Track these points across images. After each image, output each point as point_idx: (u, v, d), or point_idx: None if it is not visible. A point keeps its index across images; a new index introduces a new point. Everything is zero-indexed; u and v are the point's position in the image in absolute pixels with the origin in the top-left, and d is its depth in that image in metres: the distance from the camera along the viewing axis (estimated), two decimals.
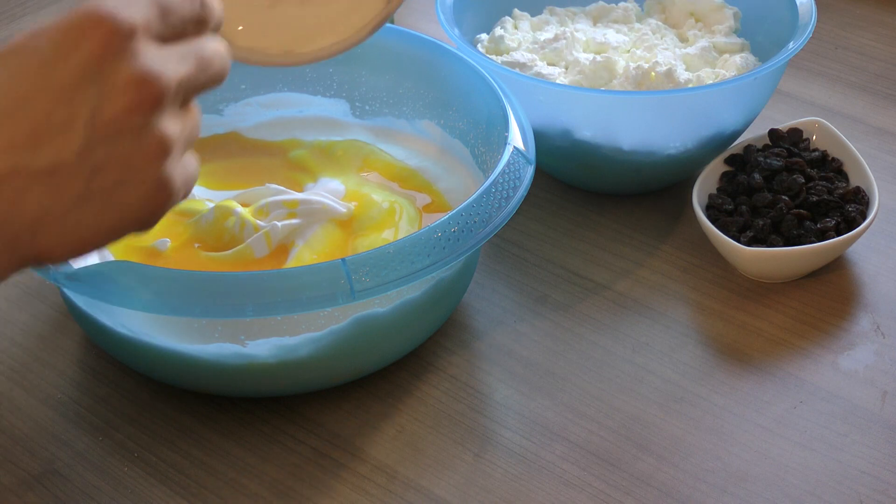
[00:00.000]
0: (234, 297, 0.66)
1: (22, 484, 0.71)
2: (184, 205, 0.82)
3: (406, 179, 0.85)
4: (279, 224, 0.79)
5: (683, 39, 0.95)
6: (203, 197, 0.83)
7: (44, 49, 0.47)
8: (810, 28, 0.87)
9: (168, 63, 0.48)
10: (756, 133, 0.90)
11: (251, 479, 0.71)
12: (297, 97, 0.91)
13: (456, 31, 0.88)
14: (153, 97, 0.48)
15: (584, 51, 0.92)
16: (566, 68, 0.91)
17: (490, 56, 0.91)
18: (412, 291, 0.72)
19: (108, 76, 0.47)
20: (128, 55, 0.47)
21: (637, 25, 0.96)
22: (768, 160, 0.85)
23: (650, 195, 0.91)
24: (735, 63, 0.89)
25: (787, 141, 0.88)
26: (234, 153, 0.89)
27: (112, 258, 0.78)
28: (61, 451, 0.73)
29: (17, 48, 0.47)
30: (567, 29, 0.94)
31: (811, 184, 0.85)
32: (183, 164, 0.50)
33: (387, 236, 0.79)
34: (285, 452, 0.72)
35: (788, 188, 0.83)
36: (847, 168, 0.87)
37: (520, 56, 0.91)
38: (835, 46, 1.09)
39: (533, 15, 0.97)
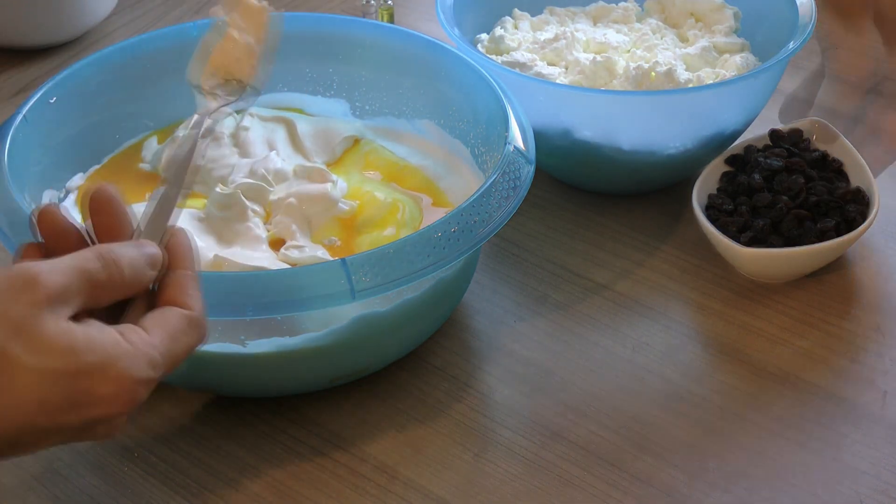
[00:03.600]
0: (234, 297, 0.66)
1: (22, 484, 0.71)
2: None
3: (407, 178, 0.85)
4: (283, 221, 0.79)
5: (683, 39, 0.95)
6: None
7: None
8: (810, 28, 0.87)
9: None
10: (756, 133, 0.89)
11: (251, 479, 0.71)
12: (297, 97, 0.91)
13: (456, 31, 0.88)
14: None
15: (584, 51, 0.92)
16: (566, 68, 0.91)
17: (490, 56, 0.91)
18: (412, 291, 0.72)
19: (96, 427, 0.54)
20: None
21: (637, 25, 0.96)
22: (768, 160, 0.85)
23: (650, 195, 0.91)
24: (735, 63, 0.89)
25: (788, 141, 0.88)
26: None
27: None
28: (61, 451, 0.73)
29: None
30: (567, 29, 0.94)
31: (811, 184, 0.85)
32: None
33: (389, 233, 0.79)
34: (285, 452, 0.72)
35: (788, 188, 0.83)
36: (847, 168, 0.87)
37: (520, 56, 0.91)
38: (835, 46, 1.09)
39: (533, 15, 0.98)
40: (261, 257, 0.76)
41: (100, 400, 0.52)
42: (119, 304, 0.55)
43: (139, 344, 0.53)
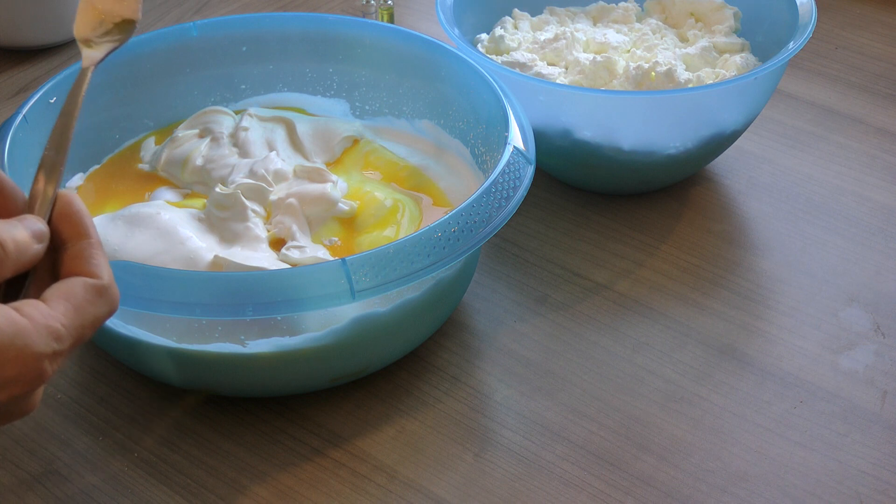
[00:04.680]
0: (234, 297, 0.66)
1: (22, 484, 0.71)
2: (185, 200, 0.82)
3: (407, 178, 0.85)
4: (284, 221, 0.79)
5: (683, 39, 0.95)
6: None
7: None
8: (810, 28, 0.87)
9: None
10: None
11: (251, 479, 0.71)
12: (297, 97, 0.91)
13: (456, 31, 0.88)
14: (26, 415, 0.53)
15: (584, 51, 0.92)
16: (566, 68, 0.91)
17: (490, 56, 0.91)
18: (412, 291, 0.72)
19: (7, 409, 0.51)
20: (32, 395, 0.51)
21: (637, 25, 0.96)
22: None
23: (650, 195, 0.91)
24: (735, 63, 0.89)
25: None
26: None
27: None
28: (61, 451, 0.73)
29: None
30: (567, 29, 0.94)
31: None
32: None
33: (389, 234, 0.79)
34: (285, 452, 0.72)
35: None
36: None
37: (520, 56, 0.91)
38: (835, 46, 1.09)
39: (533, 15, 0.98)
40: (261, 257, 0.76)
41: (4, 382, 0.48)
42: (16, 283, 0.52)
43: (38, 317, 0.49)
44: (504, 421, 0.74)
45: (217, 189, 0.79)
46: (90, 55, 0.63)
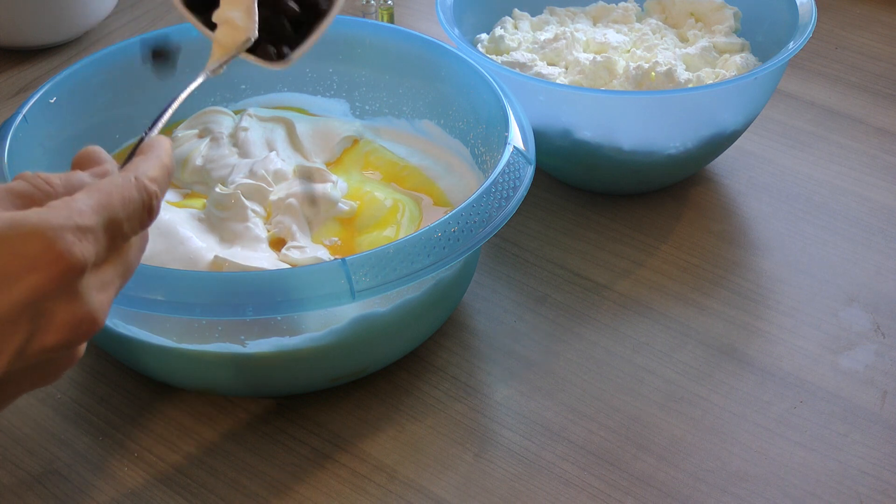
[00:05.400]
0: (234, 297, 0.66)
1: (22, 484, 0.71)
2: (185, 200, 0.82)
3: (407, 178, 0.85)
4: (284, 221, 0.79)
5: (683, 39, 0.95)
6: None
7: None
8: (810, 28, 0.87)
9: (104, 292, 0.48)
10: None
11: (251, 479, 0.71)
12: (297, 97, 0.91)
13: (456, 31, 0.88)
14: (88, 334, 0.47)
15: (584, 51, 0.92)
16: (566, 68, 0.91)
17: (490, 56, 0.91)
18: (412, 291, 0.72)
19: (48, 312, 0.46)
20: (71, 293, 0.46)
21: (637, 25, 0.96)
22: None
23: (650, 195, 0.91)
24: (735, 63, 0.89)
25: None
26: None
27: None
28: (61, 451, 0.73)
29: None
30: (567, 29, 0.94)
31: None
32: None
33: (389, 234, 0.79)
34: (285, 452, 0.72)
35: None
36: None
37: (520, 56, 0.91)
38: (835, 46, 1.09)
39: (533, 15, 0.98)
40: (261, 257, 0.76)
41: (29, 263, 0.45)
42: None
43: (58, 204, 0.47)
44: (504, 421, 0.74)
45: (217, 189, 0.79)
46: (213, 66, 0.67)
